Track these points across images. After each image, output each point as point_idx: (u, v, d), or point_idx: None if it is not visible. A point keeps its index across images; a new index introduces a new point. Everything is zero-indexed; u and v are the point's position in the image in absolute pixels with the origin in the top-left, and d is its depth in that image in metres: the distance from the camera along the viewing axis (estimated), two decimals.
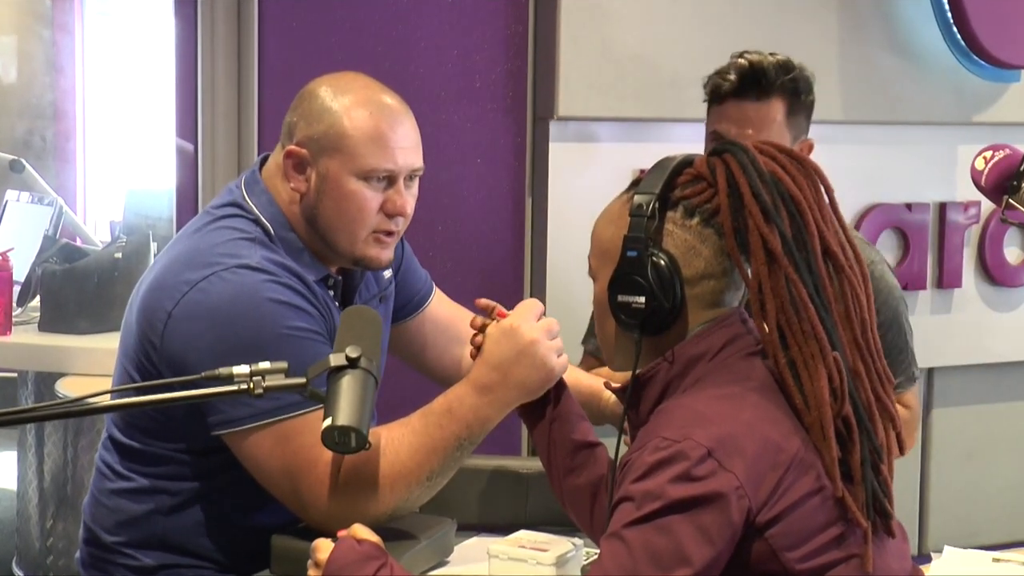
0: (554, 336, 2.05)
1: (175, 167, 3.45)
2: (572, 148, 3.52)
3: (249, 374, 1.63)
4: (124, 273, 3.88)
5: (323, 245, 2.18)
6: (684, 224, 1.79)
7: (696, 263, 1.79)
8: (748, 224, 1.75)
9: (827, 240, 1.77)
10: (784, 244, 1.74)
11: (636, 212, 1.78)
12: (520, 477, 2.37)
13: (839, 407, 1.72)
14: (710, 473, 1.63)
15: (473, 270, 3.52)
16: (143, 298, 2.15)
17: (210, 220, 2.19)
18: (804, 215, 1.76)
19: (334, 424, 1.68)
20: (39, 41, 6.12)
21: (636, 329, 1.80)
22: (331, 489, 2.03)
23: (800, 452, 1.69)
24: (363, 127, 2.13)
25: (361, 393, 1.70)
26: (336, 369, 1.72)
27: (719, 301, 1.81)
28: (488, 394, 2.04)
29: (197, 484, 2.17)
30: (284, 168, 2.18)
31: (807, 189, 1.78)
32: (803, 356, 1.73)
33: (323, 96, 2.16)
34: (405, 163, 2.16)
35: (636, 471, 1.66)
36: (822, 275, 1.76)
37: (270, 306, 2.06)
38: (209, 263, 2.09)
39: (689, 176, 1.82)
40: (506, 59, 3.49)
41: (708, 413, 1.69)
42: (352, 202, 2.14)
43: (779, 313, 1.74)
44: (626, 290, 1.79)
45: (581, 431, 2.03)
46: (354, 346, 1.72)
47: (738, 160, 1.79)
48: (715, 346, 1.78)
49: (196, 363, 2.03)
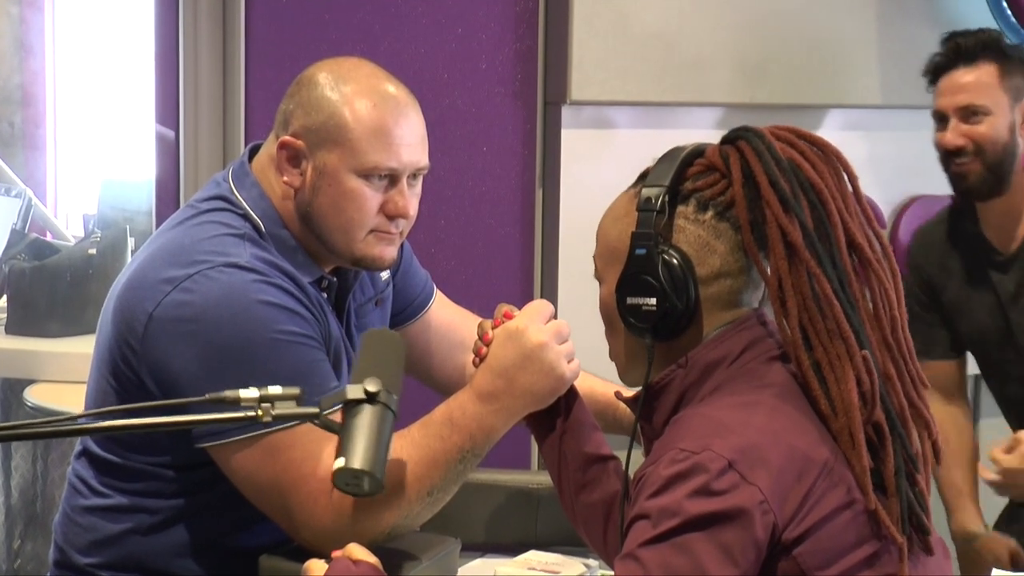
0: (564, 339, 2.06)
1: (154, 156, 3.45)
2: (586, 135, 3.52)
3: (258, 399, 1.64)
4: (99, 271, 3.90)
5: (318, 244, 2.20)
6: (697, 219, 1.81)
7: (711, 260, 1.80)
8: (766, 216, 1.77)
9: (852, 231, 1.78)
10: (805, 236, 1.76)
11: (644, 207, 1.79)
12: (529, 493, 2.38)
13: (869, 412, 1.73)
14: (731, 487, 1.64)
15: (478, 269, 3.53)
16: (120, 297, 2.16)
17: (194, 214, 2.20)
18: (826, 205, 1.78)
19: (347, 466, 1.69)
20: (6, 18, 6.14)
21: (648, 333, 1.81)
22: (324, 506, 2.04)
23: (829, 462, 1.71)
24: (366, 120, 2.14)
25: (378, 432, 1.70)
26: (352, 402, 1.72)
27: (737, 301, 1.82)
28: (492, 402, 2.04)
29: (180, 501, 2.18)
30: (277, 160, 2.19)
31: (829, 176, 1.80)
32: (828, 357, 1.74)
33: (323, 83, 2.17)
34: (410, 161, 2.17)
35: (651, 486, 1.67)
36: (847, 269, 1.77)
37: (261, 309, 2.07)
38: (194, 260, 2.11)
39: (701, 167, 1.83)
40: (514, 38, 3.50)
41: (728, 421, 1.70)
42: (350, 201, 2.15)
43: (801, 311, 1.76)
44: (636, 291, 1.80)
45: (594, 443, 2.04)
46: (374, 378, 1.71)
47: (753, 147, 1.80)
48: (734, 350, 1.79)
49: (181, 370, 2.05)
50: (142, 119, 4.48)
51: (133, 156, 5.33)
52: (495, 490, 2.40)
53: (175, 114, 3.38)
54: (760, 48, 3.58)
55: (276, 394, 1.64)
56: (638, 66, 3.51)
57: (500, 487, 2.40)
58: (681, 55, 3.54)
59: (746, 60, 3.58)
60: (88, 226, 4.73)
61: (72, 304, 3.89)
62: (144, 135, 3.85)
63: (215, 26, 3.34)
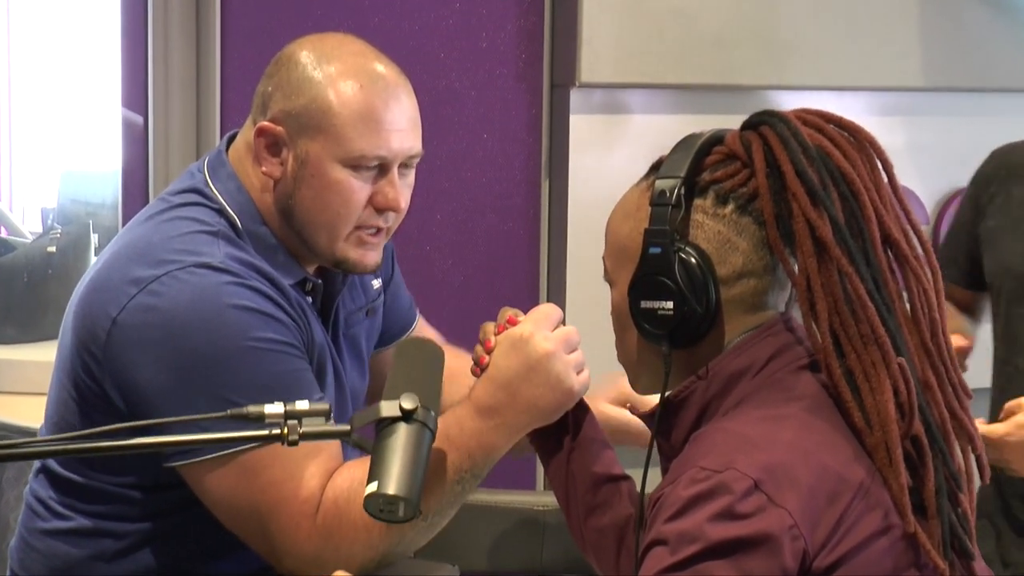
0: (574, 348, 2.06)
1: (120, 144, 3.46)
2: (597, 121, 3.53)
3: (283, 414, 1.63)
4: (59, 271, 3.90)
5: (298, 241, 2.20)
6: (716, 213, 1.81)
7: (732, 259, 1.81)
8: (792, 209, 1.77)
9: (887, 226, 1.79)
10: (836, 231, 1.76)
11: (658, 200, 1.80)
12: (534, 516, 2.39)
13: (907, 425, 1.74)
14: (757, 509, 1.64)
15: (478, 269, 3.53)
16: (82, 299, 2.16)
17: (165, 208, 2.20)
18: (859, 196, 1.78)
19: (380, 491, 1.68)
20: None
21: (664, 341, 1.81)
22: (309, 531, 2.05)
23: (865, 483, 1.71)
24: (352, 104, 2.14)
25: (415, 454, 1.69)
26: (387, 420, 1.71)
27: (761, 304, 1.82)
28: (493, 417, 2.04)
29: (147, 525, 2.18)
30: (255, 148, 2.19)
31: (861, 165, 1.80)
32: (862, 365, 1.75)
33: (304, 63, 2.17)
34: (401, 148, 2.17)
35: (669, 508, 1.67)
36: (882, 268, 1.78)
37: (235, 313, 2.07)
38: (162, 260, 2.11)
39: (720, 155, 1.84)
40: (518, 13, 3.50)
41: (754, 437, 1.71)
42: (336, 194, 2.15)
43: (832, 314, 1.76)
44: (650, 294, 1.80)
45: (604, 462, 2.05)
46: (411, 394, 1.70)
47: (777, 132, 1.80)
48: (759, 359, 1.80)
49: (147, 381, 2.05)
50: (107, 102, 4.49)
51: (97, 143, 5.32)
52: (497, 513, 2.40)
53: (143, 97, 3.38)
54: (789, 24, 3.58)
55: (303, 410, 1.63)
56: (654, 44, 3.51)
57: (502, 509, 2.41)
58: (702, 32, 3.54)
59: (773, 38, 3.58)
60: (47, 221, 4.73)
61: (29, 308, 3.89)
62: (109, 120, 3.85)
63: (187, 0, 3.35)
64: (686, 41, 3.52)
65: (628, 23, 3.48)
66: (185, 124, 3.37)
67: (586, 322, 2.28)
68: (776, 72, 3.59)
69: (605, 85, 3.51)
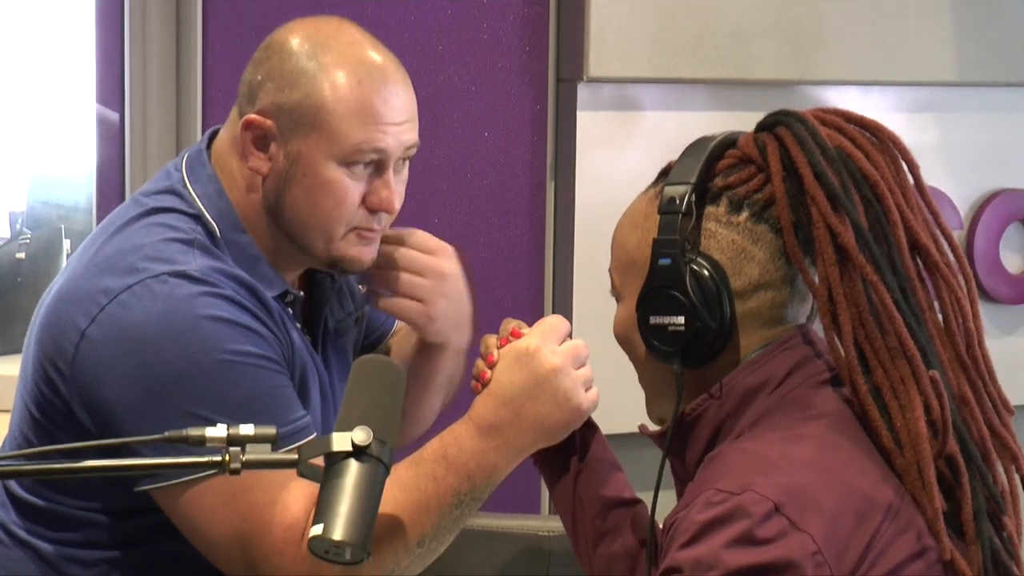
0: (582, 363, 2.06)
1: (95, 142, 3.46)
2: (606, 118, 3.53)
3: (225, 439, 1.61)
4: (29, 279, 3.91)
5: (288, 243, 2.20)
6: (730, 221, 1.81)
7: (748, 270, 1.80)
8: (811, 215, 1.77)
9: (914, 231, 1.79)
10: (859, 238, 1.76)
11: (667, 208, 1.80)
12: (539, 542, 2.39)
13: (941, 444, 1.73)
14: (779, 535, 1.64)
15: (479, 277, 3.51)
16: (49, 310, 2.16)
17: (139, 213, 2.19)
18: (883, 199, 1.78)
19: (325, 535, 1.66)
20: None
21: (675, 359, 1.81)
22: (293, 558, 2.04)
23: (894, 504, 1.71)
24: (349, 99, 2.13)
25: (366, 495, 1.66)
26: (337, 455, 1.69)
27: (780, 317, 1.82)
28: (495, 436, 2.04)
29: (117, 553, 2.18)
30: (241, 141, 2.18)
31: (885, 167, 1.80)
32: (890, 381, 1.74)
33: (298, 52, 2.16)
34: (398, 142, 2.17)
35: (684, 534, 1.67)
36: (910, 275, 1.78)
37: (209, 326, 2.07)
38: (133, 268, 2.10)
39: (733, 159, 1.84)
40: (522, 4, 3.50)
41: (774, 457, 1.71)
42: (328, 194, 2.15)
43: (856, 327, 1.76)
44: (660, 309, 1.80)
45: (614, 485, 2.05)
46: (364, 427, 1.67)
47: (794, 133, 1.80)
48: (776, 374, 1.79)
49: (115, 399, 2.05)
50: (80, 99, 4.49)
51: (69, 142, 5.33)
52: (499, 538, 2.40)
53: (119, 92, 3.38)
54: (813, 14, 3.59)
55: (248, 435, 1.61)
56: (668, 36, 3.51)
57: (505, 535, 2.41)
58: (719, 23, 3.54)
59: (796, 28, 3.58)
60: (15, 225, 4.72)
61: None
62: (82, 117, 3.85)
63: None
64: (702, 32, 3.52)
65: (640, 13, 3.48)
66: (164, 121, 3.37)
67: (594, 335, 2.28)
68: (799, 66, 3.59)
69: (615, 80, 3.51)
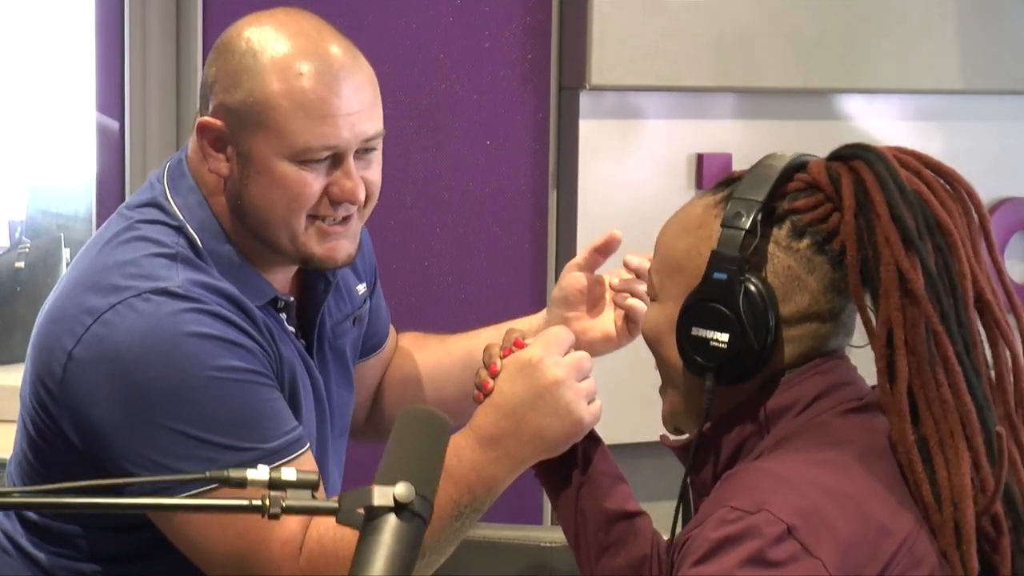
0: (585, 375, 2.05)
1: (95, 151, 3.46)
2: (609, 126, 3.52)
3: (267, 482, 1.57)
4: (28, 288, 3.90)
5: (258, 244, 2.17)
6: (789, 246, 1.79)
7: (798, 298, 1.78)
8: (882, 255, 1.74)
9: (980, 285, 1.77)
10: (929, 285, 1.73)
11: (732, 222, 1.77)
12: (541, 554, 2.38)
13: (988, 503, 1.71)
14: (790, 558, 1.62)
15: (481, 286, 3.52)
16: (39, 331, 2.16)
17: (123, 228, 2.18)
18: (955, 250, 1.75)
19: None
20: None
21: (711, 374, 1.79)
22: (292, 573, 2.03)
23: (911, 535, 1.69)
24: (293, 93, 2.09)
25: (403, 553, 1.63)
26: (378, 510, 1.65)
27: (820, 348, 1.80)
28: (496, 448, 2.04)
29: (116, 568, 2.18)
30: (200, 145, 2.16)
31: (958, 216, 1.77)
32: (940, 434, 1.72)
33: (243, 50, 2.12)
34: (353, 134, 2.12)
35: (697, 551, 1.66)
36: (973, 330, 1.75)
37: (193, 342, 2.05)
38: (116, 287, 2.09)
39: (801, 183, 1.81)
40: (524, 11, 3.50)
41: (791, 478, 1.69)
42: (284, 189, 2.11)
43: (914, 375, 1.73)
44: (705, 322, 1.78)
45: (617, 497, 2.03)
46: (406, 483, 1.64)
47: (874, 171, 1.77)
48: (804, 397, 1.78)
49: (103, 418, 2.04)
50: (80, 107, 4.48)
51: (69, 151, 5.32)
52: (500, 549, 2.39)
53: (119, 100, 3.38)
54: (817, 22, 3.58)
55: (290, 480, 1.58)
56: (671, 44, 3.50)
57: (505, 546, 2.40)
58: (722, 31, 3.53)
59: (800, 36, 3.57)
60: (15, 235, 4.72)
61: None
62: (82, 126, 3.84)
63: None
64: (705, 40, 3.52)
65: (642, 21, 3.48)
66: (164, 130, 3.37)
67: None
68: (803, 74, 3.59)
69: (618, 87, 3.51)
